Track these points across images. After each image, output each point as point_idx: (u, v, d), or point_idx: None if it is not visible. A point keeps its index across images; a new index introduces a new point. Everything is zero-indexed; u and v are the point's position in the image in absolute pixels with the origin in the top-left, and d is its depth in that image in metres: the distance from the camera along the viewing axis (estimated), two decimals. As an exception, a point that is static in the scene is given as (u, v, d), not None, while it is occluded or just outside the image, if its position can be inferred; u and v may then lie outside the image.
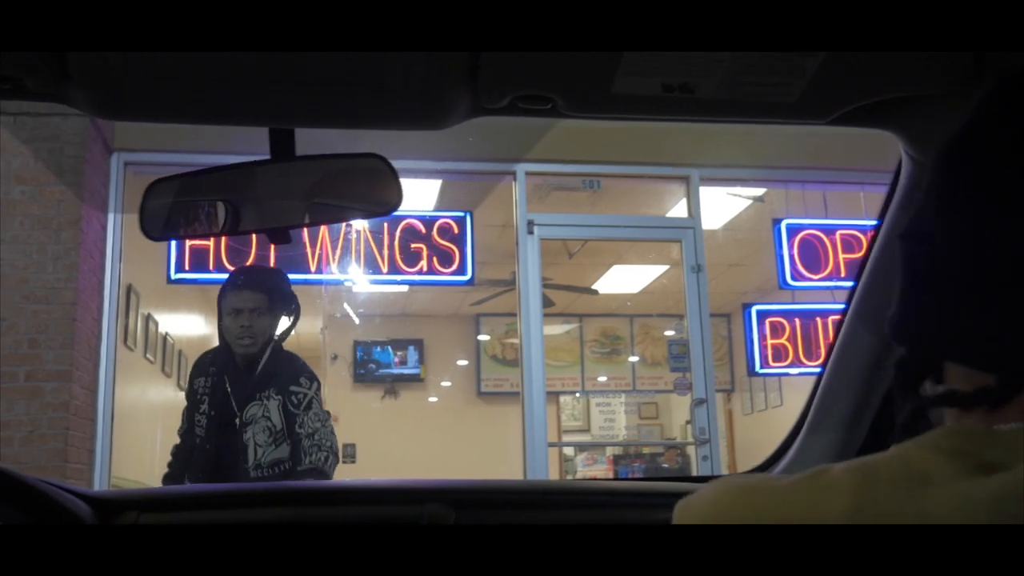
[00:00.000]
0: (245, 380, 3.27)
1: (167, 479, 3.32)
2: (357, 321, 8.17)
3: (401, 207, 1.20)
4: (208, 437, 3.25)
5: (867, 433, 1.55)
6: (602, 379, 9.76)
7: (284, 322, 3.37)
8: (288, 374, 3.30)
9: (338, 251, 5.70)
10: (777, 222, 6.09)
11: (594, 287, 8.82)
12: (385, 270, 5.69)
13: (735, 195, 6.72)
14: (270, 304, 3.28)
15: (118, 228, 5.39)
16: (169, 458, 3.37)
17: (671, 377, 6.83)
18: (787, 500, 0.63)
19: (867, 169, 5.39)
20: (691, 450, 6.56)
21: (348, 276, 5.84)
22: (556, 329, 9.13)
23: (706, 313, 5.77)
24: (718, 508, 0.66)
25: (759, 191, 6.74)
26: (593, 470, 9.20)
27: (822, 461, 1.59)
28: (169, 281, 5.55)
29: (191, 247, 5.48)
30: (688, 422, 6.18)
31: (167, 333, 7.05)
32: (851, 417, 1.53)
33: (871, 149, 4.70)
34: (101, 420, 5.13)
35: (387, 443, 8.21)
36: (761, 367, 6.26)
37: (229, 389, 3.28)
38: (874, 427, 1.54)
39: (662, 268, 8.16)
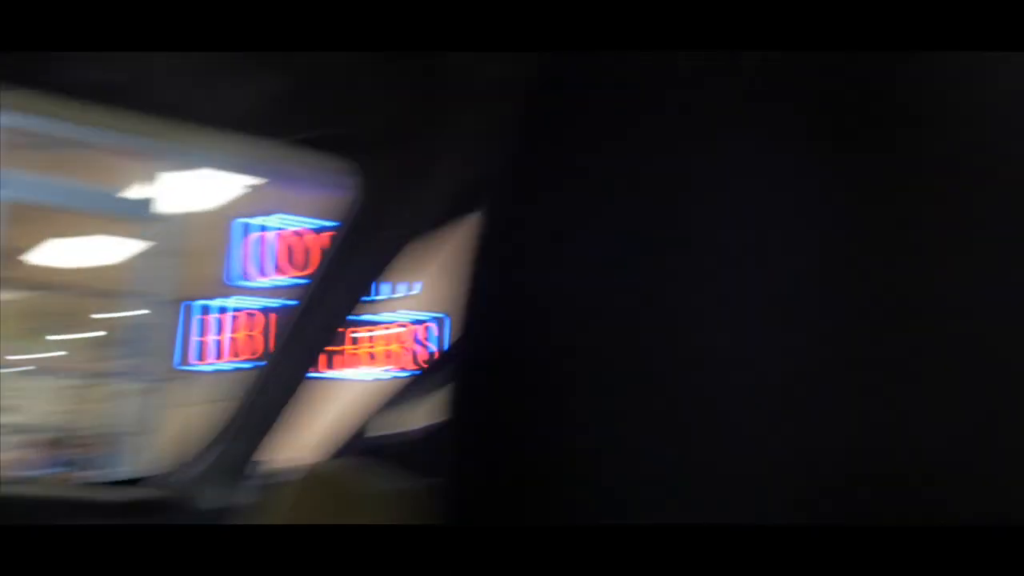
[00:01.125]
0: None
1: None
2: None
3: None
4: None
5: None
6: (25, 357, 8.99)
7: None
8: None
9: None
10: (233, 219, 6.15)
11: (28, 259, 8.09)
12: None
13: (198, 180, 6.63)
14: None
15: None
16: None
17: (107, 363, 6.48)
18: None
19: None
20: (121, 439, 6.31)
21: None
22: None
23: (157, 299, 5.64)
24: None
25: (224, 183, 6.72)
26: None
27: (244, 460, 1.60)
28: None
29: None
30: (117, 411, 5.97)
31: None
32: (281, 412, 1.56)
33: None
34: None
35: None
36: (193, 360, 6.28)
37: None
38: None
39: (113, 246, 7.75)
